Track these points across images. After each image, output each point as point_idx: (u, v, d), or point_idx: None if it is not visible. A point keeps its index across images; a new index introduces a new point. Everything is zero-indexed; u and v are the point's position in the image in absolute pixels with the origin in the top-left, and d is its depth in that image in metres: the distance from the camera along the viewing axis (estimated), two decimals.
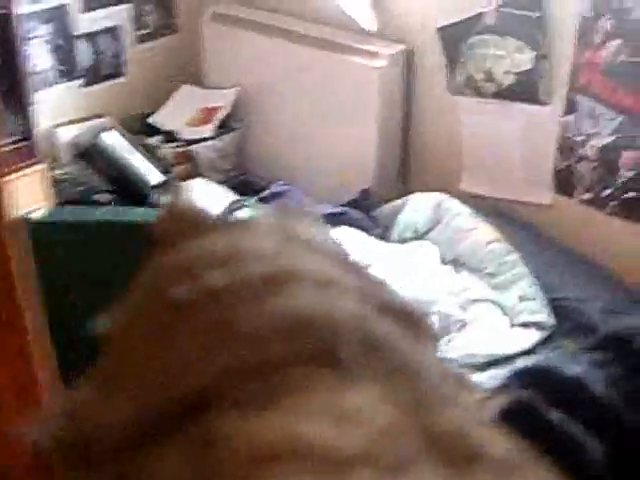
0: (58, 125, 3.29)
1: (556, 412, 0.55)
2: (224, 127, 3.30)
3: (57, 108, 3.28)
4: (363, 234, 2.63)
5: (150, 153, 3.25)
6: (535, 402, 0.56)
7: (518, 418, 0.45)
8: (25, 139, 2.55)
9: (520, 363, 2.29)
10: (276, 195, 2.80)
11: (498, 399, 0.43)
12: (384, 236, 2.73)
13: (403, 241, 2.70)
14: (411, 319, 0.38)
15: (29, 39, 3.10)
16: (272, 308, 0.34)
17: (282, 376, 0.32)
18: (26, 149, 2.54)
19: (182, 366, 0.33)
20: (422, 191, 2.89)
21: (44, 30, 3.14)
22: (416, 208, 2.72)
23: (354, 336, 0.34)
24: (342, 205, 2.93)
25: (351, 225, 2.67)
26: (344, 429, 0.30)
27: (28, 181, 2.54)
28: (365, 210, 2.90)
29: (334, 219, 2.68)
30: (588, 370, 0.61)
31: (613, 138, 2.53)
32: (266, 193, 2.82)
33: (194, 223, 0.40)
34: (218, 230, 0.39)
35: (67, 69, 3.26)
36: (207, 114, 3.29)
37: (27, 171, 2.53)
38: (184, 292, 0.34)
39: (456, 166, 2.94)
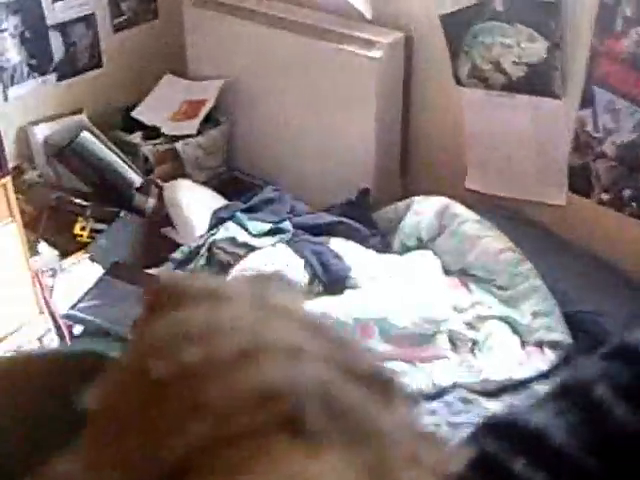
0: (33, 123, 3.06)
1: (519, 461, 0.57)
2: (209, 121, 3.06)
3: (31, 104, 3.05)
4: (360, 247, 2.41)
5: (131, 152, 3.03)
6: (499, 452, 0.57)
7: (483, 468, 0.50)
8: None
9: (536, 389, 2.10)
10: (265, 202, 2.58)
11: (465, 452, 0.43)
12: (384, 244, 2.51)
13: (406, 250, 2.48)
14: (381, 382, 0.39)
15: None
16: (242, 381, 0.37)
17: (250, 445, 0.35)
18: None
19: (158, 440, 0.35)
20: (425, 189, 2.68)
21: (13, 22, 2.89)
22: (419, 214, 2.50)
23: (319, 404, 0.36)
24: (340, 205, 2.72)
25: (348, 235, 2.45)
26: None
27: None
28: (364, 212, 2.68)
29: (329, 229, 2.47)
30: (550, 418, 0.63)
31: (635, 135, 2.31)
32: (255, 200, 2.59)
33: (176, 294, 0.41)
34: (198, 301, 0.41)
35: (40, 62, 3.02)
36: (191, 108, 3.05)
37: None
38: (160, 369, 0.37)
39: (461, 162, 2.72)
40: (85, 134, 2.96)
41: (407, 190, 2.79)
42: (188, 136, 2.99)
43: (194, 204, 2.83)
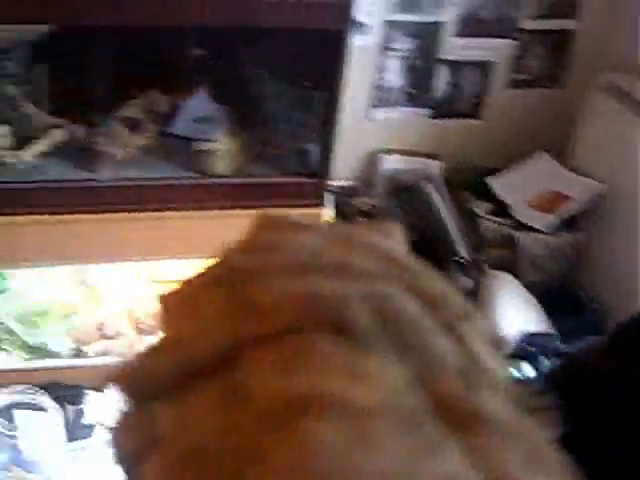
0: (386, 151, 2.84)
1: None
2: (568, 223, 2.61)
3: (393, 132, 2.83)
4: None
5: (471, 220, 2.68)
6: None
7: None
8: (313, 175, 2.10)
9: None
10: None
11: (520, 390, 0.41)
12: None
13: None
14: (438, 303, 0.40)
15: (386, 50, 2.66)
16: (292, 287, 0.39)
17: (302, 341, 0.36)
18: (310, 187, 2.09)
19: (214, 325, 0.39)
20: None
21: (405, 45, 2.67)
22: None
23: (371, 313, 0.38)
24: None
25: None
26: (361, 386, 0.35)
27: None
28: None
29: None
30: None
31: None
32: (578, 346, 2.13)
33: (271, 222, 0.45)
34: (284, 229, 0.44)
35: (418, 93, 2.78)
36: (553, 199, 2.63)
37: (303, 211, 2.09)
38: (218, 271, 0.42)
39: None
40: (429, 184, 2.67)
41: None
42: (537, 229, 2.58)
43: (510, 309, 2.42)
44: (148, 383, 0.39)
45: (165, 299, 0.42)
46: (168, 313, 0.42)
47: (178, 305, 0.42)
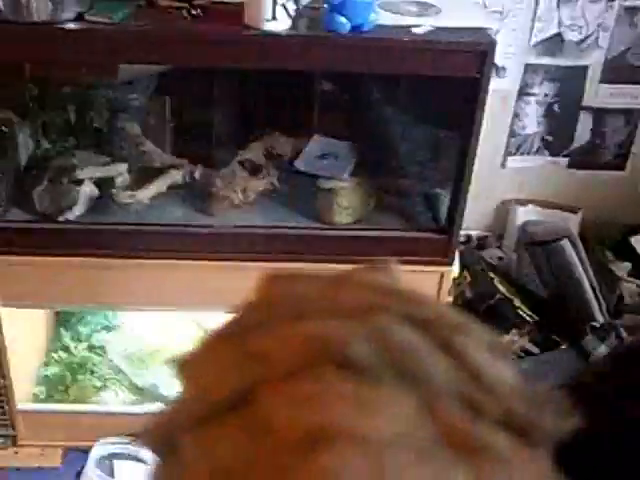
0: (520, 201, 2.67)
1: None
2: None
3: (528, 181, 2.65)
4: None
5: (609, 281, 2.47)
6: None
7: None
8: (442, 230, 1.96)
9: None
10: None
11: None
12: None
13: None
14: (434, 324, 0.41)
15: (524, 94, 2.49)
16: (291, 332, 0.40)
17: (312, 377, 0.38)
18: (438, 243, 1.95)
19: (225, 374, 0.41)
20: None
21: (545, 89, 2.50)
22: None
23: (372, 346, 0.38)
24: None
25: None
26: (373, 418, 0.36)
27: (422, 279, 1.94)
28: None
29: None
30: None
31: None
32: None
33: (276, 278, 0.47)
34: (287, 282, 0.47)
35: (556, 141, 2.60)
36: None
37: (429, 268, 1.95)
38: (229, 326, 0.44)
39: None
40: (566, 242, 2.47)
41: None
42: None
43: None
44: (173, 432, 0.41)
45: (182, 363, 0.44)
46: (185, 371, 0.44)
47: (195, 361, 0.44)
